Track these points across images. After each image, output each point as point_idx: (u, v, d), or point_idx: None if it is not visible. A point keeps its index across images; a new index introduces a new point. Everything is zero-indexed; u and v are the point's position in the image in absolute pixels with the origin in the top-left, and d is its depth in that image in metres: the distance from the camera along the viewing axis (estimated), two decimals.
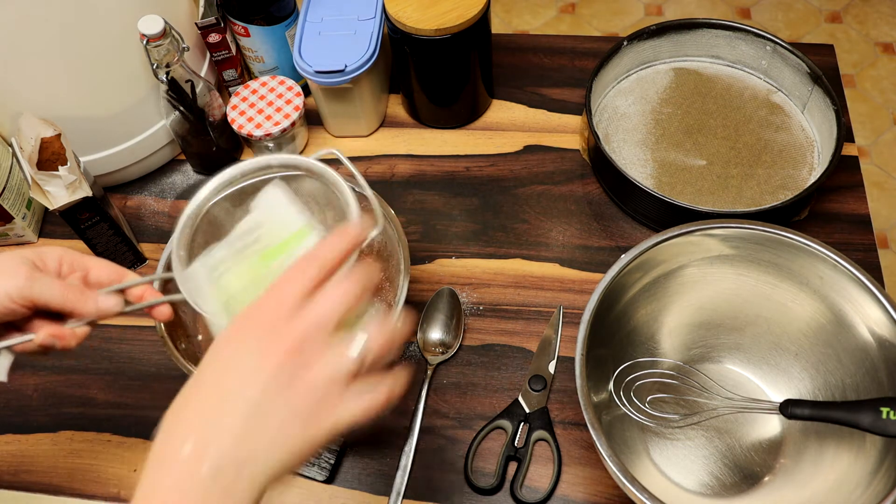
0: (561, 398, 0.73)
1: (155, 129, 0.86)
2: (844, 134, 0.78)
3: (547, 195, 0.86)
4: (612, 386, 0.65)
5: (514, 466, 0.69)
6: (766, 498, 0.65)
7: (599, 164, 0.84)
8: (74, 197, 0.73)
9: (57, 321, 0.53)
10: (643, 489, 0.53)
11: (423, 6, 0.79)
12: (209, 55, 0.89)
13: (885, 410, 0.55)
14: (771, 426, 0.68)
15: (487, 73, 0.89)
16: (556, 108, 0.93)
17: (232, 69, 0.91)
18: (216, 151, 0.87)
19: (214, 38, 0.86)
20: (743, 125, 0.86)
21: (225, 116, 0.85)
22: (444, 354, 0.75)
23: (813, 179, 0.81)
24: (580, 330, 0.60)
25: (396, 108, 0.94)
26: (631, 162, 0.84)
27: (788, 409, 0.60)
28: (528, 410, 0.71)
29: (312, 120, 0.92)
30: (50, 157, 0.75)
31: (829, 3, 2.03)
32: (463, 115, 0.91)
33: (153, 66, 0.76)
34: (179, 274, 0.52)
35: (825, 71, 0.82)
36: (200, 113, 0.82)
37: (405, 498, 0.69)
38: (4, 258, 0.51)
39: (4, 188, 0.80)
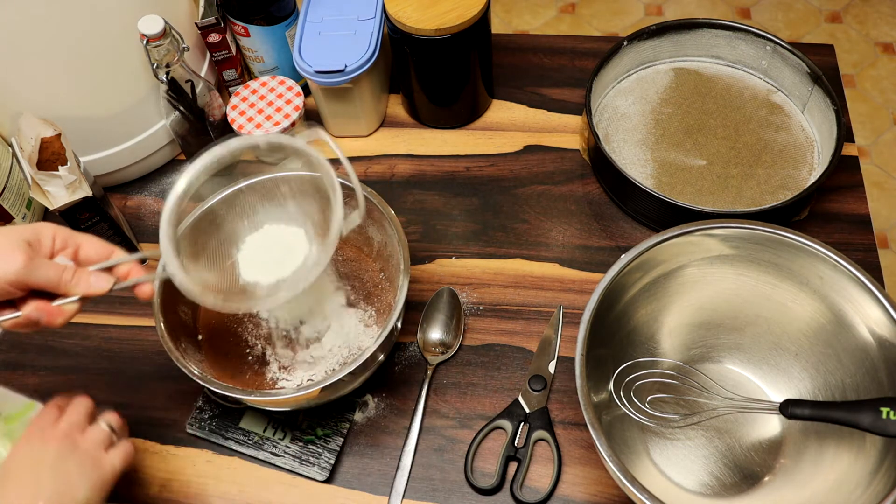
0: (561, 398, 0.73)
1: (155, 129, 0.86)
2: (844, 134, 0.78)
3: (547, 195, 0.86)
4: (612, 386, 0.65)
5: (514, 466, 0.69)
6: (766, 498, 0.65)
7: (599, 164, 0.84)
8: (74, 197, 0.73)
9: (46, 298, 0.55)
10: (643, 489, 0.53)
11: (423, 6, 0.79)
12: (209, 55, 0.89)
13: (885, 410, 0.55)
14: (771, 426, 0.68)
15: (487, 73, 0.89)
16: (556, 108, 0.93)
17: (232, 69, 0.91)
18: None
19: (214, 38, 0.86)
20: (743, 125, 0.86)
21: (225, 116, 0.85)
22: (444, 354, 0.75)
23: (813, 179, 0.81)
24: (580, 330, 0.60)
25: (396, 108, 0.94)
26: (631, 162, 0.84)
27: (788, 409, 0.60)
28: (528, 410, 0.71)
29: (312, 120, 0.92)
30: (50, 157, 0.75)
31: (829, 3, 2.03)
32: (463, 115, 0.91)
33: (153, 66, 0.76)
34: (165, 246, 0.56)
35: (825, 71, 0.82)
36: (200, 113, 0.82)
37: (405, 498, 0.69)
38: (1, 241, 0.52)
39: (4, 188, 0.80)
